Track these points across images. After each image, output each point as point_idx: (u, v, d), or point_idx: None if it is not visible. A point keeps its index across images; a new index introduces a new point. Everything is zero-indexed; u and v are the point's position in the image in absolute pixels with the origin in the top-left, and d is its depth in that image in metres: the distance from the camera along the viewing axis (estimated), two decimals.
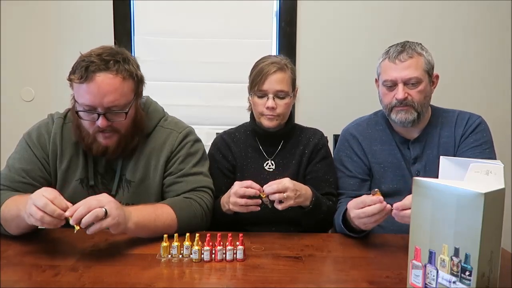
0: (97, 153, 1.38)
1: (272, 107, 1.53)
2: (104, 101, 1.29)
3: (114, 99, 1.30)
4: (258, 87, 1.54)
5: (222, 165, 1.63)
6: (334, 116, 2.31)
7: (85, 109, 1.31)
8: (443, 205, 0.90)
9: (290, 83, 1.57)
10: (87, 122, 1.34)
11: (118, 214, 1.15)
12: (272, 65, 1.54)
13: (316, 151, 1.62)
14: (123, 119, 1.34)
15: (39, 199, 1.11)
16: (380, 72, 1.58)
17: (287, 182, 1.33)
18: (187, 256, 1.19)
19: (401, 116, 1.53)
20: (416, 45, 1.54)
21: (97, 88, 1.28)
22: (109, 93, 1.29)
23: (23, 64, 2.45)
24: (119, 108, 1.33)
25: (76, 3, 2.41)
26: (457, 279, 0.89)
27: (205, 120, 2.45)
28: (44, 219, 1.10)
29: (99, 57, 1.29)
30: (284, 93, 1.54)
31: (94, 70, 1.27)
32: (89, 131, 1.36)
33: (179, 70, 2.46)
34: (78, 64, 1.30)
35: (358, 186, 1.61)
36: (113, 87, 1.29)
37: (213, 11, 2.43)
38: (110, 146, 1.37)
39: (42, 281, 1.05)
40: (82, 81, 1.27)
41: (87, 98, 1.29)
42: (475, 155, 1.51)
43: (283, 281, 1.08)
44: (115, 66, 1.30)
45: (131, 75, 1.34)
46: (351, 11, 2.41)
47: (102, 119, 1.31)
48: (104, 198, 1.16)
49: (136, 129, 1.42)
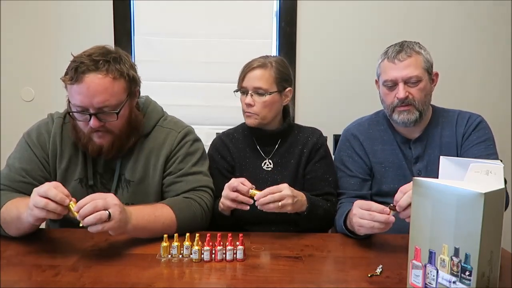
0: (93, 152, 1.38)
1: (249, 104, 1.54)
2: (94, 102, 1.28)
3: (104, 100, 1.29)
4: (240, 83, 1.58)
5: (221, 165, 1.63)
6: (334, 116, 2.31)
7: (77, 110, 1.32)
8: (443, 205, 0.90)
9: (271, 81, 1.56)
10: (81, 123, 1.35)
11: (120, 218, 1.15)
12: (254, 61, 1.57)
13: (315, 150, 1.62)
14: (115, 119, 1.33)
15: (41, 187, 1.13)
16: (380, 73, 1.58)
17: (285, 190, 1.31)
18: (187, 256, 1.19)
19: (403, 116, 1.53)
20: (414, 44, 1.55)
21: (87, 89, 1.27)
22: (98, 93, 1.28)
23: (23, 64, 2.45)
24: (110, 108, 1.32)
25: (76, 3, 2.41)
26: (457, 279, 0.89)
27: (205, 120, 2.45)
28: (48, 205, 1.11)
29: (89, 58, 1.29)
30: (262, 90, 1.54)
31: (84, 71, 1.27)
32: (84, 131, 1.36)
33: (179, 70, 2.46)
34: (69, 65, 1.30)
35: (359, 186, 1.61)
36: (102, 87, 1.29)
37: (213, 11, 2.43)
38: (105, 146, 1.36)
39: (42, 281, 1.05)
40: (73, 82, 1.28)
41: (77, 99, 1.29)
42: (480, 151, 1.51)
43: (283, 281, 1.08)
44: (104, 66, 1.29)
45: (122, 74, 1.33)
46: (351, 11, 2.41)
47: (94, 119, 1.31)
48: (111, 200, 1.15)
49: (132, 129, 1.41)
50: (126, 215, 1.19)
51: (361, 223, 1.25)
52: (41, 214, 1.13)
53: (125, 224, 1.19)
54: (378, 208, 1.22)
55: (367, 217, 1.23)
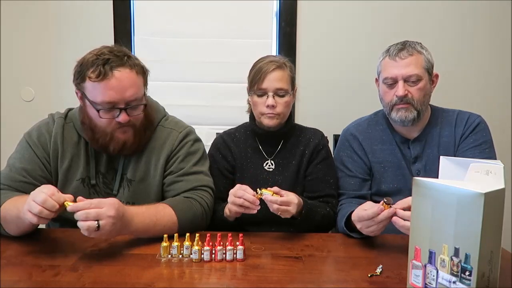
0: (114, 150, 1.38)
1: (272, 105, 1.53)
2: (126, 96, 1.31)
3: (134, 93, 1.33)
4: (258, 85, 1.55)
5: (222, 165, 1.63)
6: (334, 116, 2.31)
7: (105, 107, 1.32)
8: (443, 205, 0.90)
9: (289, 82, 1.57)
10: (105, 121, 1.34)
11: (110, 230, 1.14)
12: (271, 63, 1.55)
13: (316, 152, 1.62)
14: (141, 112, 1.37)
15: (38, 195, 1.12)
16: (381, 70, 1.58)
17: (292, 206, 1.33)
18: (187, 256, 1.19)
19: (401, 114, 1.53)
20: (416, 43, 1.55)
21: (118, 83, 1.29)
22: (129, 87, 1.31)
23: (23, 64, 2.45)
24: (137, 102, 1.35)
25: (76, 3, 2.41)
26: (457, 279, 0.89)
27: (205, 120, 2.45)
28: (42, 213, 1.10)
29: (112, 54, 1.30)
30: (283, 91, 1.55)
31: (112, 66, 1.29)
32: (106, 130, 1.36)
33: (179, 70, 2.46)
34: (90, 63, 1.29)
35: (359, 186, 1.61)
36: (132, 81, 1.33)
37: (213, 11, 2.43)
38: (128, 140, 1.38)
39: (42, 281, 1.05)
40: (101, 78, 1.28)
41: (108, 94, 1.29)
42: (475, 155, 1.51)
43: (283, 281, 1.08)
44: (128, 62, 1.32)
45: (142, 69, 1.38)
46: (351, 11, 2.41)
47: (124, 114, 1.33)
48: (105, 212, 1.12)
49: (148, 122, 1.44)
50: (121, 224, 1.18)
51: (371, 230, 1.26)
52: (33, 220, 1.12)
53: (117, 233, 1.19)
54: (376, 212, 1.23)
55: (372, 223, 1.24)
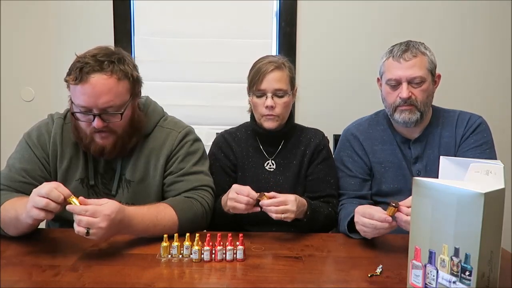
0: (95, 153, 1.38)
1: (271, 106, 1.53)
2: (99, 102, 1.28)
3: (109, 100, 1.30)
4: (257, 86, 1.55)
5: (224, 163, 1.63)
6: (334, 116, 2.31)
7: (80, 110, 1.31)
8: (443, 205, 0.90)
9: (288, 82, 1.56)
10: (83, 123, 1.34)
11: (101, 237, 1.15)
12: (269, 64, 1.54)
13: (317, 152, 1.62)
14: (119, 120, 1.34)
15: (42, 187, 1.13)
16: (384, 71, 1.57)
17: (291, 204, 1.31)
18: (187, 256, 1.19)
19: (404, 116, 1.52)
20: (419, 44, 1.54)
21: (92, 89, 1.27)
22: (103, 94, 1.28)
23: (23, 64, 2.45)
24: (115, 109, 1.32)
25: (76, 3, 2.41)
26: (457, 279, 0.89)
27: (205, 120, 2.45)
28: (49, 206, 1.11)
29: (93, 58, 1.29)
30: (282, 92, 1.54)
31: (88, 71, 1.27)
32: (86, 132, 1.36)
33: (179, 70, 2.46)
34: (73, 66, 1.30)
35: (359, 186, 1.61)
36: (107, 87, 1.29)
37: (213, 11, 2.42)
38: (107, 146, 1.36)
39: (42, 281, 1.05)
40: (77, 83, 1.27)
41: (82, 99, 1.29)
42: (475, 156, 1.50)
43: (283, 281, 1.08)
44: (109, 67, 1.29)
45: (126, 75, 1.33)
46: (351, 11, 2.41)
47: (98, 120, 1.31)
48: (97, 222, 1.12)
49: (134, 130, 1.41)
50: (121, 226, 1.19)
51: (365, 230, 1.27)
52: (40, 215, 1.13)
53: (110, 236, 1.20)
54: (381, 217, 1.22)
55: (369, 225, 1.24)
